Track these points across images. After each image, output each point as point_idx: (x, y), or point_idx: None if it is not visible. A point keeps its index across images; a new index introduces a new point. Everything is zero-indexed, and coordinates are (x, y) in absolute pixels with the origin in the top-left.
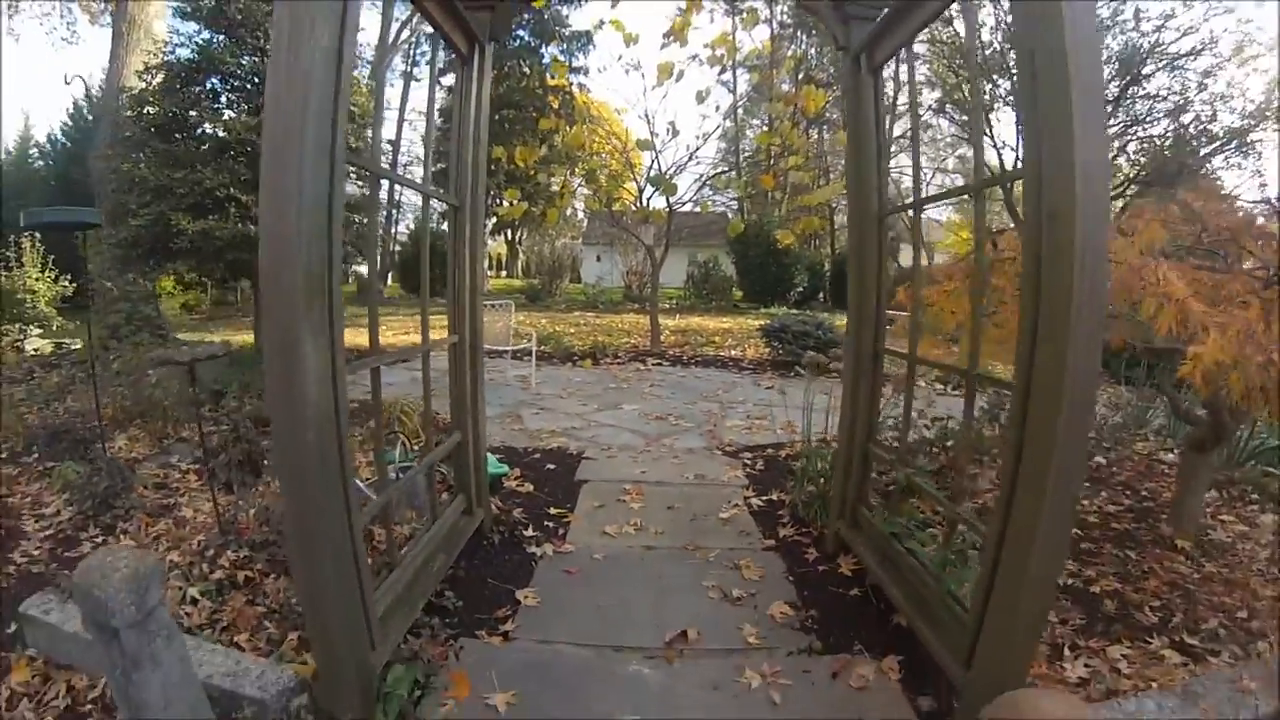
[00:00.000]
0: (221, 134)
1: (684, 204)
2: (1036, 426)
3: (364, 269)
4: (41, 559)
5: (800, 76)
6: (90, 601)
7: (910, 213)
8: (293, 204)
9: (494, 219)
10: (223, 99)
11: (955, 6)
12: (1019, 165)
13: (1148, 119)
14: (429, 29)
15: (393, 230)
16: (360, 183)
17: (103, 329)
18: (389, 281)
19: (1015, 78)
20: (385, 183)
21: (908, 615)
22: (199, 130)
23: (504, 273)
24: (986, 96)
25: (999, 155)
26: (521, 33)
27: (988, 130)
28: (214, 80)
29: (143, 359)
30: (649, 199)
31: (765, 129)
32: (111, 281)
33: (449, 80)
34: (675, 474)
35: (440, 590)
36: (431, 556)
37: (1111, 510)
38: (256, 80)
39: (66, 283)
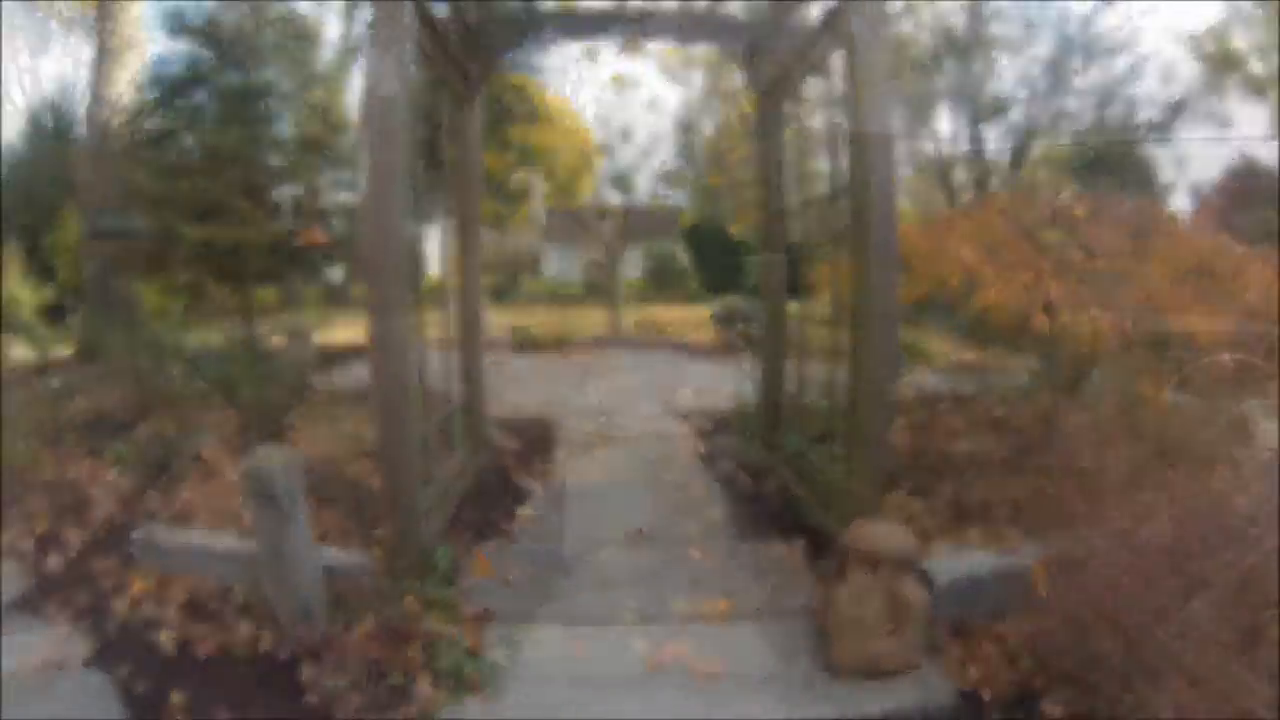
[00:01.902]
0: (215, 146)
1: (640, 201)
2: (860, 342)
3: None
4: (119, 515)
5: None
6: (260, 477)
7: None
8: (391, 229)
9: None
10: (209, 112)
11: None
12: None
13: (1076, 113)
14: None
15: None
16: None
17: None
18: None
19: None
20: None
21: (806, 500)
22: (189, 143)
23: None
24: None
25: None
26: None
27: None
28: (201, 93)
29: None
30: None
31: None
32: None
33: None
34: (635, 431)
35: (458, 511)
36: (453, 480)
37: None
38: (246, 96)
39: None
